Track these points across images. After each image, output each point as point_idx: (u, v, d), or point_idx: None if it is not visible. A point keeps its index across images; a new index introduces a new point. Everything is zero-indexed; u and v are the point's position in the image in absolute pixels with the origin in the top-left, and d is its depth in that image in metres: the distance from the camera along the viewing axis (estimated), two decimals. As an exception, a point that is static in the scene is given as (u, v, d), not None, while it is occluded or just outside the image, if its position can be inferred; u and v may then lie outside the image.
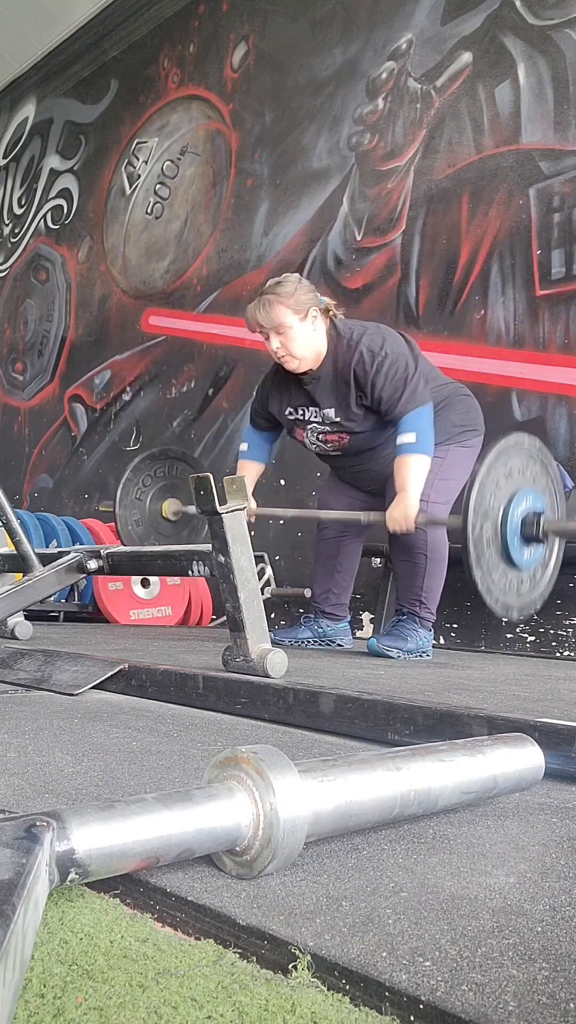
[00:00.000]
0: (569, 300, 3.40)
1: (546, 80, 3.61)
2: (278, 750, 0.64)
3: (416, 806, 0.73)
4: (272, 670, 1.64)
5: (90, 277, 6.10)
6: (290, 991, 0.48)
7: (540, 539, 2.12)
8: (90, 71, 6.38)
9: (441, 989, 0.46)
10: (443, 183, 3.94)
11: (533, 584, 2.22)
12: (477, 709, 1.16)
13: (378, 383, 2.46)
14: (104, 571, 2.16)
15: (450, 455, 2.64)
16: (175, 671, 1.61)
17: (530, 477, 2.19)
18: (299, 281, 2.50)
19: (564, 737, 1.02)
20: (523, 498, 2.12)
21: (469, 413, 2.71)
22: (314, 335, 2.50)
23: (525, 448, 2.19)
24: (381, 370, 2.46)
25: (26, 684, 1.74)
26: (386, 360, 2.46)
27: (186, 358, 5.16)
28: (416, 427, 2.42)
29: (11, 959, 0.40)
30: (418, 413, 2.44)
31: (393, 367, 2.46)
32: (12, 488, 6.21)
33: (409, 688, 1.62)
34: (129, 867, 0.57)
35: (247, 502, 1.77)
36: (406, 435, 2.42)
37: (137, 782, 0.90)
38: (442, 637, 3.52)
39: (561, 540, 2.28)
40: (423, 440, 2.42)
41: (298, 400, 2.65)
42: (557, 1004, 0.45)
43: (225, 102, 5.24)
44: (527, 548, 2.14)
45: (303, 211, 4.61)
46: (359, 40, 4.46)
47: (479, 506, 2.02)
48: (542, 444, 2.25)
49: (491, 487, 2.06)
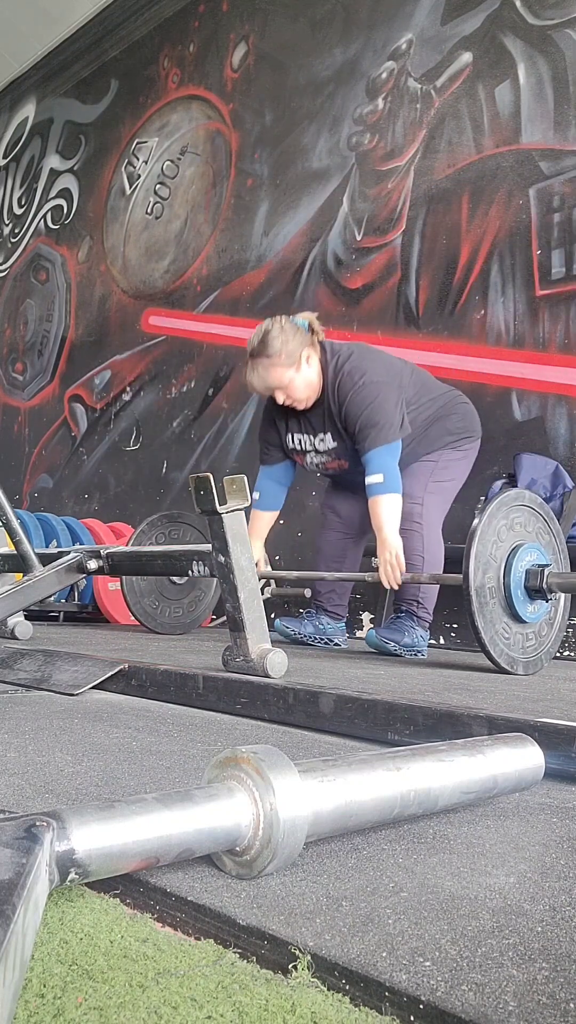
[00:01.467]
0: (569, 300, 3.40)
1: (546, 80, 3.61)
2: (278, 750, 0.64)
3: (416, 806, 0.73)
4: (272, 670, 1.64)
5: (90, 277, 6.10)
6: (290, 991, 0.48)
7: (545, 593, 2.11)
8: (90, 71, 6.38)
9: (441, 989, 0.46)
10: (443, 183, 3.94)
11: (539, 641, 2.20)
12: (477, 709, 1.16)
13: (351, 411, 2.46)
14: (104, 571, 2.16)
15: (443, 459, 2.66)
16: (175, 671, 1.61)
17: (533, 532, 2.19)
18: (281, 330, 2.45)
19: (564, 737, 1.02)
20: (527, 551, 2.12)
21: (464, 420, 2.72)
22: (311, 373, 2.50)
23: (527, 503, 2.19)
24: (356, 398, 2.44)
25: (26, 684, 1.74)
26: (363, 388, 2.44)
27: (186, 358, 5.16)
28: (381, 467, 2.42)
29: (11, 959, 0.40)
30: (384, 451, 2.43)
31: (368, 398, 2.43)
32: (12, 488, 6.21)
33: (409, 688, 1.62)
34: (129, 867, 0.57)
35: (247, 502, 1.77)
36: (373, 476, 2.42)
37: (137, 782, 0.89)
38: (442, 637, 3.52)
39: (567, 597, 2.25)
40: (389, 479, 2.42)
41: (296, 428, 2.65)
42: (557, 1004, 0.45)
43: (225, 102, 5.24)
44: (532, 603, 2.13)
45: (303, 211, 4.61)
46: (359, 40, 4.46)
47: (480, 554, 2.01)
48: (543, 501, 2.26)
49: (492, 537, 2.06)
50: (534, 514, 2.21)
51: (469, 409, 2.75)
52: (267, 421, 2.75)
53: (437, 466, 2.64)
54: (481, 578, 2.02)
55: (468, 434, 2.71)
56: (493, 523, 2.07)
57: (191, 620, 3.27)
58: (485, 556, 2.03)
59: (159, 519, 3.17)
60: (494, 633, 2.04)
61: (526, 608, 2.11)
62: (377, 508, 2.41)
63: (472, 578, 1.99)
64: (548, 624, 2.23)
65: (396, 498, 2.42)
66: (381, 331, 4.05)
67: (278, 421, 2.69)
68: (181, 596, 3.24)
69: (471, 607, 1.99)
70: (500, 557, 2.08)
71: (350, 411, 2.46)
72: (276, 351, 2.42)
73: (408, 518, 2.56)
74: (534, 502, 2.22)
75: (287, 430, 2.68)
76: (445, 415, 2.66)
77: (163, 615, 3.18)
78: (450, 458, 2.68)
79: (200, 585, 3.27)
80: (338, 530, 2.88)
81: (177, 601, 3.22)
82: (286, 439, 2.69)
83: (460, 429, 2.69)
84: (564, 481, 3.08)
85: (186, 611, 3.26)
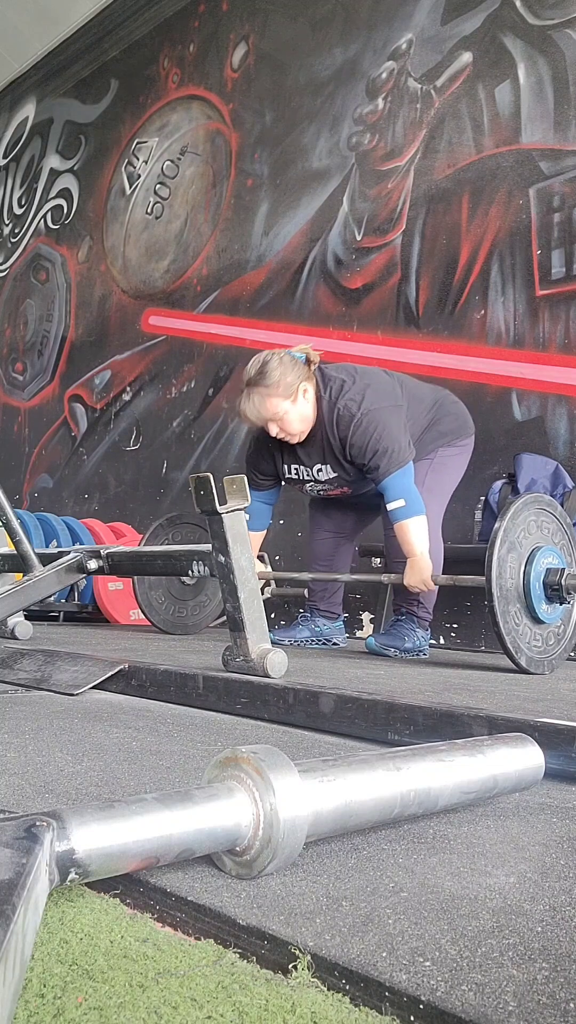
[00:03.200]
0: (569, 300, 3.40)
1: (546, 80, 3.61)
2: (278, 750, 0.64)
3: (416, 806, 0.73)
4: (272, 670, 1.64)
5: (90, 277, 6.10)
6: (290, 991, 0.48)
7: (563, 594, 2.15)
8: (90, 71, 6.38)
9: (441, 989, 0.46)
10: (443, 183, 3.94)
11: (557, 641, 2.25)
12: (477, 709, 1.16)
13: (356, 444, 2.44)
14: (104, 571, 2.16)
15: (439, 456, 2.68)
16: (175, 671, 1.61)
17: (549, 534, 2.23)
18: (280, 362, 2.43)
19: (564, 737, 1.02)
20: (545, 553, 2.16)
21: (457, 420, 2.74)
22: (306, 407, 2.47)
23: (544, 506, 2.24)
24: (359, 430, 2.43)
25: (26, 684, 1.74)
26: (364, 420, 2.42)
27: (186, 358, 5.16)
28: (401, 491, 2.42)
29: (11, 959, 0.40)
30: (400, 475, 2.42)
31: (371, 428, 2.42)
32: (12, 488, 6.21)
33: (409, 688, 1.62)
34: (129, 867, 0.57)
35: (247, 502, 1.77)
36: (395, 502, 2.42)
37: (137, 782, 0.89)
38: (442, 637, 3.52)
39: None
40: (412, 502, 2.42)
41: (292, 459, 2.64)
42: (557, 1004, 0.45)
43: (225, 102, 5.24)
44: (550, 604, 2.18)
45: (303, 211, 4.61)
46: (359, 40, 4.46)
47: (503, 557, 2.05)
48: (558, 503, 2.30)
49: (513, 539, 2.10)
50: (551, 517, 2.25)
51: (460, 409, 2.77)
52: (259, 451, 2.70)
53: (433, 464, 2.65)
54: (504, 580, 2.05)
55: (462, 433, 2.73)
56: (515, 525, 2.10)
57: (192, 623, 3.27)
58: (507, 558, 2.07)
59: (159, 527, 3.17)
60: (516, 635, 2.08)
61: (545, 609, 2.15)
62: (405, 533, 2.41)
63: (495, 580, 2.01)
64: (564, 625, 2.28)
65: (422, 520, 2.43)
66: (381, 331, 4.05)
67: (274, 452, 2.66)
68: (188, 597, 3.24)
69: (494, 609, 2.01)
70: (521, 559, 2.12)
71: (356, 444, 2.44)
72: (274, 381, 2.39)
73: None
74: (551, 505, 2.26)
75: (283, 461, 2.65)
76: (438, 419, 2.68)
77: (167, 612, 3.18)
78: (446, 455, 2.69)
79: (207, 591, 3.27)
80: (328, 530, 2.90)
81: (183, 601, 3.23)
82: (282, 469, 2.67)
83: (454, 430, 2.70)
84: (564, 481, 3.08)
85: (190, 612, 3.26)
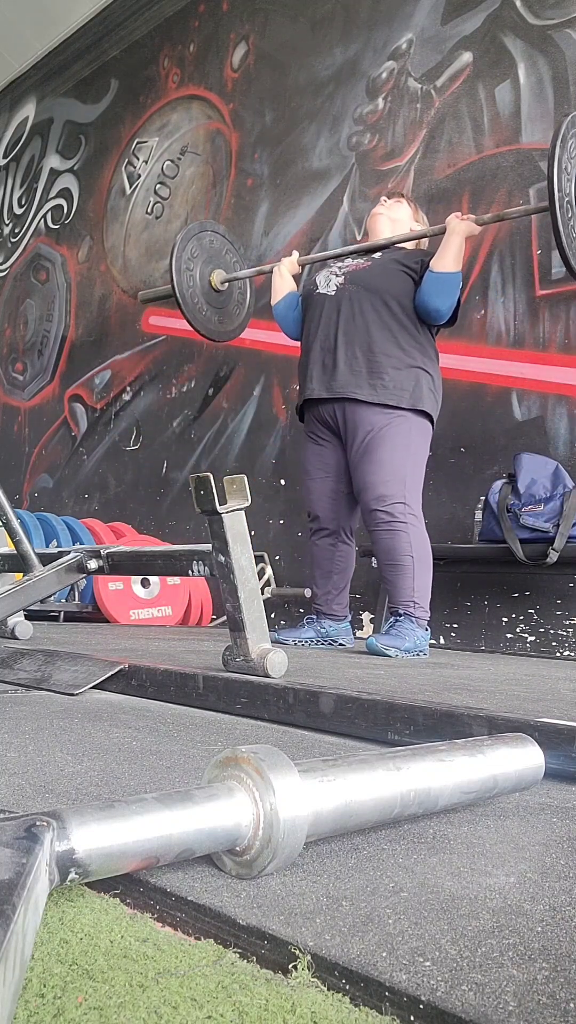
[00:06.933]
0: (569, 300, 3.40)
1: (546, 80, 3.61)
2: (278, 750, 0.64)
3: (416, 806, 0.73)
4: (272, 670, 1.63)
5: (90, 277, 6.10)
6: (290, 991, 0.48)
7: None
8: (90, 71, 6.38)
9: (441, 989, 0.46)
10: (443, 183, 3.94)
11: None
12: (477, 709, 1.16)
13: (420, 256, 2.82)
14: (104, 571, 2.16)
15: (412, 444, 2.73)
16: (175, 671, 1.61)
17: None
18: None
19: (564, 737, 1.02)
20: None
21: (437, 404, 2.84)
22: (404, 228, 2.93)
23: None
24: (426, 255, 2.82)
25: (26, 684, 1.74)
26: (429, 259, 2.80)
27: (186, 358, 5.16)
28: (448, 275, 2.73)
29: (11, 959, 0.40)
30: (450, 276, 2.73)
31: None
32: (12, 488, 6.21)
33: (409, 688, 1.62)
34: (129, 867, 0.57)
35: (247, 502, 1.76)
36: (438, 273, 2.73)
37: (137, 782, 0.89)
38: (442, 637, 3.52)
39: None
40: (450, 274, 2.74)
41: (338, 262, 2.93)
42: (557, 1004, 0.45)
43: (225, 102, 5.24)
44: None
45: (303, 211, 4.61)
46: (359, 40, 4.46)
47: (563, 160, 2.27)
48: None
49: (571, 152, 2.33)
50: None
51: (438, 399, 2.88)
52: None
53: (408, 453, 2.69)
54: (565, 188, 2.29)
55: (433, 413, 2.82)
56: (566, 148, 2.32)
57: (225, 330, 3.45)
58: (566, 163, 2.28)
59: (184, 239, 3.27)
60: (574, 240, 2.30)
61: None
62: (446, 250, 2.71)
63: (556, 188, 2.26)
64: None
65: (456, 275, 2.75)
66: (381, 331, 4.04)
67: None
68: (221, 306, 3.40)
69: (556, 220, 2.29)
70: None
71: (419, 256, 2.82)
72: (411, 200, 3.06)
73: (392, 518, 2.60)
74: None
75: (323, 268, 2.97)
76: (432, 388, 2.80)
77: (208, 321, 3.35)
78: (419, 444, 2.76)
79: (237, 288, 3.46)
80: (327, 533, 2.91)
81: (219, 310, 3.40)
82: (317, 278, 2.93)
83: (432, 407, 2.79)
84: (564, 481, 3.08)
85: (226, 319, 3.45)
